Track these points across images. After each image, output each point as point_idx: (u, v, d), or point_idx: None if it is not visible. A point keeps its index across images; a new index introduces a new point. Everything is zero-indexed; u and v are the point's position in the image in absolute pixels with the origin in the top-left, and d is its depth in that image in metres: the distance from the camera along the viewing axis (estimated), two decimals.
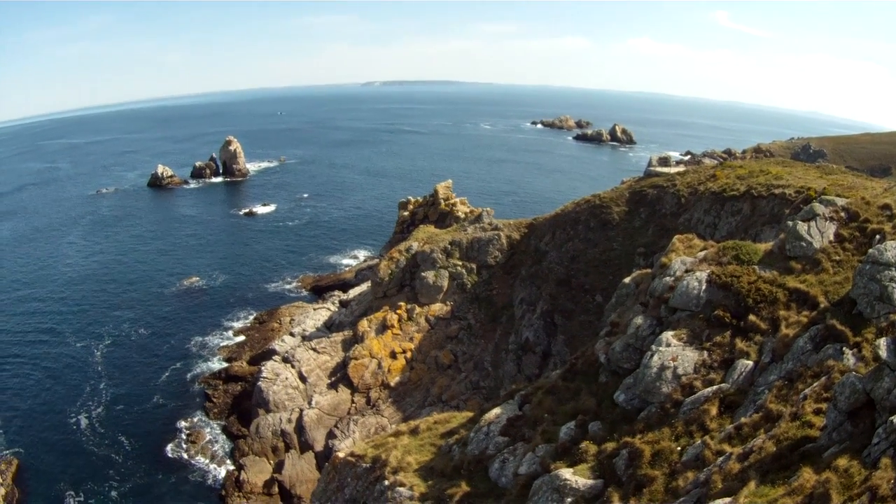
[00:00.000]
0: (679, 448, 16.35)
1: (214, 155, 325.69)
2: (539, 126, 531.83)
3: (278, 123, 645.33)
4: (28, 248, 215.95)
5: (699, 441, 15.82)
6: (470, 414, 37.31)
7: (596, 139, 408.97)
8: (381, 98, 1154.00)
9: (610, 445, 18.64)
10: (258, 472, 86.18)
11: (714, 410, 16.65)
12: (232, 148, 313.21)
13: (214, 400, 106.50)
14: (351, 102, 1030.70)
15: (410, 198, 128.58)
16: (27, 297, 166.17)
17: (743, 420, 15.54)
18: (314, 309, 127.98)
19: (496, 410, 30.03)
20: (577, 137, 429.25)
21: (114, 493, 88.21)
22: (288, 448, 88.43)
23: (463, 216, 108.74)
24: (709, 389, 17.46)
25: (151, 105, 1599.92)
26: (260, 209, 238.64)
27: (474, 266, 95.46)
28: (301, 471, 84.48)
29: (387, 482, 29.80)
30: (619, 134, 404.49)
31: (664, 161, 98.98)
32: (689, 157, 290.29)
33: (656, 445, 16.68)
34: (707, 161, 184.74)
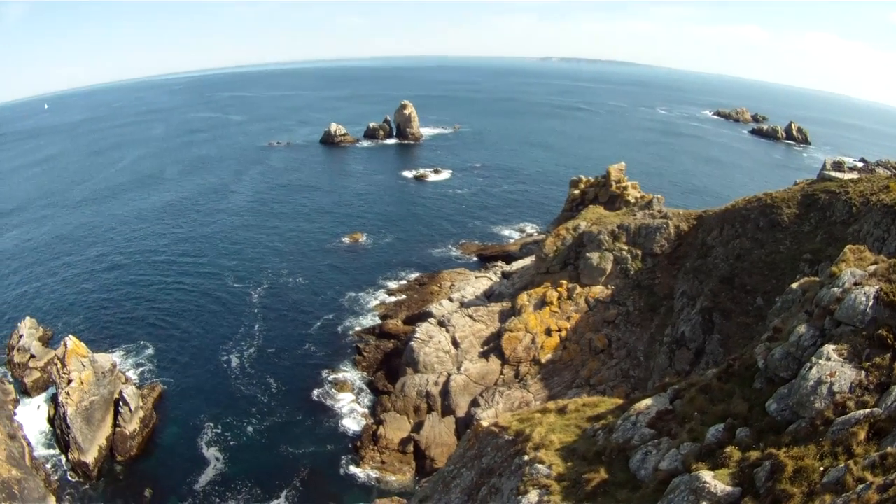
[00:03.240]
0: (821, 468, 16.09)
1: (389, 117, 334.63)
2: (715, 116, 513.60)
3: (454, 91, 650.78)
4: (198, 193, 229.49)
5: (842, 465, 15.57)
6: (619, 401, 37.33)
7: (771, 135, 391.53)
8: (558, 74, 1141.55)
9: (754, 454, 18.61)
10: (396, 429, 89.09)
11: (862, 435, 16.33)
12: (407, 112, 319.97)
13: (365, 354, 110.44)
14: (528, 76, 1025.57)
15: (582, 177, 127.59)
16: (194, 237, 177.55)
17: (889, 450, 15.21)
18: (476, 277, 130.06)
19: (647, 401, 29.81)
20: (753, 132, 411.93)
21: (250, 429, 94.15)
22: (430, 410, 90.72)
23: (633, 201, 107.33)
24: (860, 412, 17.15)
25: (325, 65, 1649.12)
26: (431, 174, 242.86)
27: (639, 252, 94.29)
28: (439, 433, 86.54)
29: (526, 457, 29.93)
30: (794, 132, 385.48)
31: (838, 166, 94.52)
32: (863, 163, 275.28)
33: (800, 462, 16.42)
34: (880, 171, 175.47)
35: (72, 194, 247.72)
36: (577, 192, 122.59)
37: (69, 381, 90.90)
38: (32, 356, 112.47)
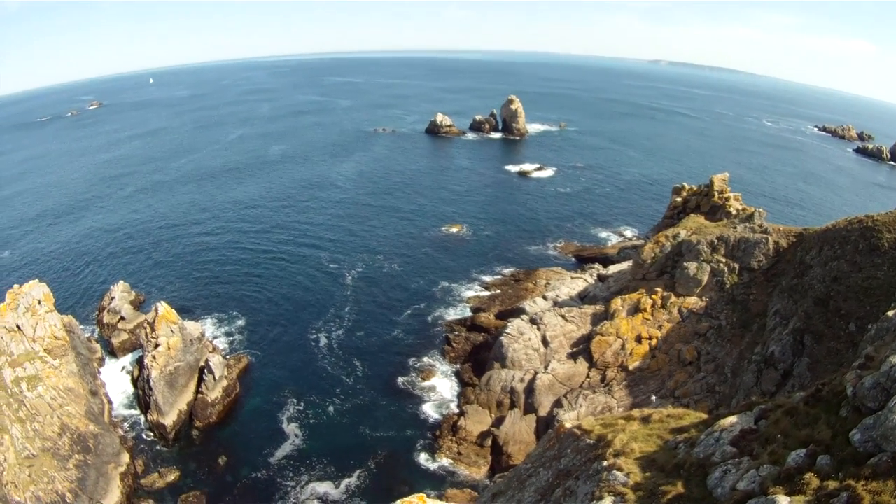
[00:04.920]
0: None
1: (495, 111, 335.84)
2: (820, 131, 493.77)
3: (562, 89, 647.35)
4: (300, 173, 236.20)
5: None
6: (704, 416, 37.03)
7: (876, 155, 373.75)
8: (666, 78, 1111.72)
9: (832, 484, 18.34)
10: (477, 422, 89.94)
11: None
12: (513, 107, 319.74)
13: (454, 345, 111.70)
14: (637, 79, 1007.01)
15: (685, 184, 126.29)
16: (294, 216, 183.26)
17: None
18: (571, 277, 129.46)
19: (732, 418, 29.29)
20: (857, 150, 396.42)
21: (331, 409, 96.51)
22: (513, 406, 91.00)
23: (734, 212, 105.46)
24: None
25: (432, 56, 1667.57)
26: (534, 171, 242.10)
27: (737, 266, 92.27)
28: (518, 431, 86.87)
29: (605, 463, 29.94)
30: None
31: None
32: None
33: (877, 497, 15.89)
34: None
35: (175, 167, 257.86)
36: (679, 199, 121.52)
37: (156, 346, 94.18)
38: (122, 318, 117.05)
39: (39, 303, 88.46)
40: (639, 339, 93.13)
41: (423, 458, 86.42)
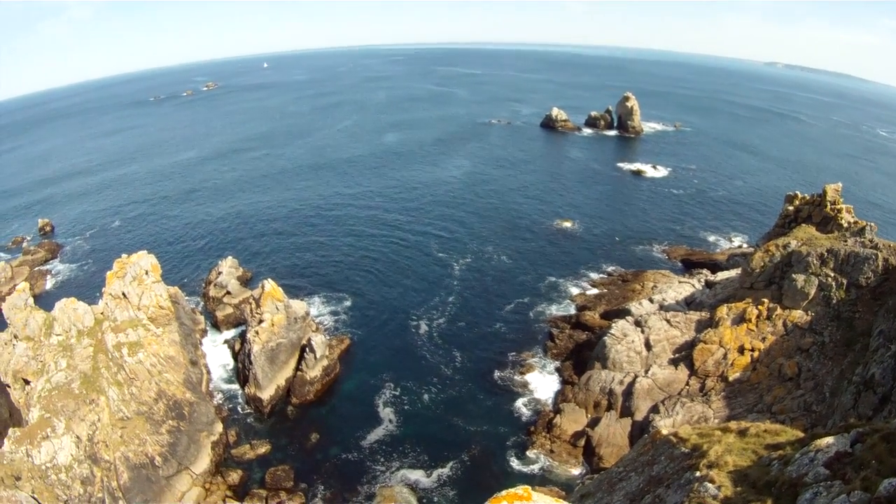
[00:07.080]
0: None
1: (611, 108, 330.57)
2: None
3: (678, 88, 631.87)
4: (413, 161, 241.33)
5: None
6: (800, 434, 36.63)
7: None
8: (783, 81, 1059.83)
9: None
10: (573, 421, 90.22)
11: None
12: (629, 104, 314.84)
13: (557, 341, 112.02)
14: (754, 80, 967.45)
15: (797, 193, 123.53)
16: (405, 203, 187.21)
17: None
18: (679, 281, 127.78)
19: (828, 439, 28.86)
20: None
21: (426, 397, 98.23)
22: (609, 408, 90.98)
23: (846, 225, 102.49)
24: None
25: (546, 49, 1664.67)
26: (648, 170, 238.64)
27: (844, 281, 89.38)
28: (612, 433, 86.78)
29: (698, 473, 29.78)
30: None
31: None
32: None
33: None
34: None
35: (289, 150, 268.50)
36: (791, 207, 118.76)
37: (260, 321, 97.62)
38: (228, 293, 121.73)
39: (147, 273, 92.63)
40: (741, 350, 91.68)
41: (515, 453, 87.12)
